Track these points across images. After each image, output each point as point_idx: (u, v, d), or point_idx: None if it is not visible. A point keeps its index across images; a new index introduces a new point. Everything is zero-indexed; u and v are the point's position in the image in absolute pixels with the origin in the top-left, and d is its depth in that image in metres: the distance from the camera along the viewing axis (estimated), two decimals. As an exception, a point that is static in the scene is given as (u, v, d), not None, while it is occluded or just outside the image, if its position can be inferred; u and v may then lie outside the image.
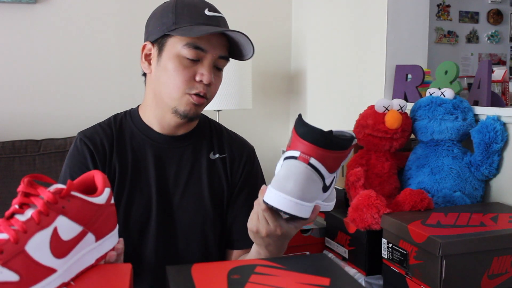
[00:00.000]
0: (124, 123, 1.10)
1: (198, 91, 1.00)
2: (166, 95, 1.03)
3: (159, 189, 1.05)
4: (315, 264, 0.64)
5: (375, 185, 1.25)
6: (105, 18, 2.36)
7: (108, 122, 1.10)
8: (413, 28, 1.76)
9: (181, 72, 1.00)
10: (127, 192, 1.04)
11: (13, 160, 2.05)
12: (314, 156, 0.73)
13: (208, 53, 1.00)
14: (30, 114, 2.29)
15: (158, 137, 1.08)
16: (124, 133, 1.08)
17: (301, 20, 2.58)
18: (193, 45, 0.99)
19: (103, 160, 1.04)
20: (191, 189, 1.08)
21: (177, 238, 1.06)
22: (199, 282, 0.57)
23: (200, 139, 1.12)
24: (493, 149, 1.18)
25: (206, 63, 1.00)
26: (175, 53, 1.00)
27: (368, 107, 1.31)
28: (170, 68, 1.00)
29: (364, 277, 1.18)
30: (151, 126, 1.08)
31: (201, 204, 1.08)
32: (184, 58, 1.00)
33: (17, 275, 0.54)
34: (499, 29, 4.31)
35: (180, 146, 1.10)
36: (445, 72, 1.41)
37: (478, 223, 1.00)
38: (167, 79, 1.01)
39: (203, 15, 1.00)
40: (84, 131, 1.08)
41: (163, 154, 1.08)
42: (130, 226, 1.04)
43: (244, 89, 2.28)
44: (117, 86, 2.43)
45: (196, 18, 0.99)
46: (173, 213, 1.06)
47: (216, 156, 1.12)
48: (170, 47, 1.01)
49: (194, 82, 1.00)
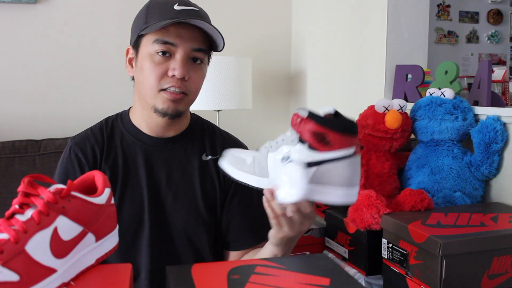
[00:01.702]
0: (115, 126, 1.10)
1: (171, 85, 1.00)
2: (145, 95, 1.03)
3: (151, 192, 1.05)
4: (315, 264, 0.64)
5: (375, 185, 1.25)
6: (105, 18, 2.36)
7: (100, 126, 1.10)
8: (413, 28, 1.76)
9: (154, 69, 1.00)
10: (118, 195, 1.03)
11: (13, 160, 2.05)
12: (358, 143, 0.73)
13: (178, 46, 0.99)
14: (30, 114, 2.29)
15: (148, 140, 1.08)
16: (115, 136, 1.08)
17: (301, 20, 2.58)
18: (161, 40, 0.99)
19: (93, 166, 1.05)
20: (184, 191, 1.07)
21: (171, 240, 1.06)
22: (199, 282, 0.57)
23: (191, 141, 1.11)
24: (493, 149, 1.18)
25: (177, 57, 1.00)
26: (147, 52, 1.01)
27: (368, 107, 1.31)
28: (145, 67, 1.01)
29: (364, 277, 1.18)
30: (140, 129, 1.08)
31: (194, 206, 1.07)
32: (156, 55, 1.00)
33: (17, 275, 0.54)
34: (499, 29, 4.31)
35: (171, 148, 1.09)
36: (445, 72, 1.41)
37: (478, 223, 1.00)
38: (143, 79, 1.02)
39: (172, 10, 0.99)
40: (75, 137, 1.09)
41: (153, 156, 1.07)
42: (122, 229, 1.03)
43: (244, 89, 2.28)
44: (117, 86, 2.43)
45: (165, 14, 0.99)
46: (166, 215, 1.05)
47: (209, 158, 1.11)
48: (143, 47, 1.02)
49: (167, 77, 1.00)
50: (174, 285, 0.57)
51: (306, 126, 0.70)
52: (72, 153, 1.06)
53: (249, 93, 2.33)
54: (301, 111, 0.71)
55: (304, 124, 0.70)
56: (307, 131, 0.70)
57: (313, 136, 0.69)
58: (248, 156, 0.82)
